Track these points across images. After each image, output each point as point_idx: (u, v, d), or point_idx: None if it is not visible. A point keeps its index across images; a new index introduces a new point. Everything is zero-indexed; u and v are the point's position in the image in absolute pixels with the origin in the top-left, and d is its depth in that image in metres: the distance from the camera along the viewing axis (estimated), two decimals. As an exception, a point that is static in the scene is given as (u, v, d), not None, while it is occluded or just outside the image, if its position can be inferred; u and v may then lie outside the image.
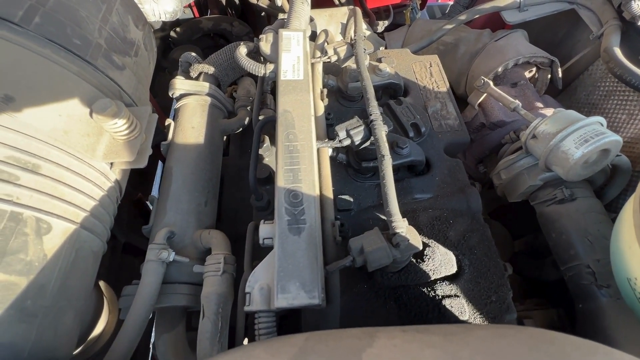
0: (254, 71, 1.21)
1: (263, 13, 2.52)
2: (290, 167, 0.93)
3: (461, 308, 0.96)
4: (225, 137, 1.49)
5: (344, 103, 1.37)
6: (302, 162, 0.94)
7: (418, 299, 0.98)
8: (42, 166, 0.84)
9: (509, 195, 1.37)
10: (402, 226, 0.84)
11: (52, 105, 0.89)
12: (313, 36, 1.38)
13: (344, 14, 1.64)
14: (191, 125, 1.30)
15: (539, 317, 1.40)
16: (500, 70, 1.67)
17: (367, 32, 1.65)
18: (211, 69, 1.43)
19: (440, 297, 0.97)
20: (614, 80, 1.59)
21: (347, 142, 1.05)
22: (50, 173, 0.85)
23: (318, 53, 1.27)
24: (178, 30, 2.34)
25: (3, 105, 0.79)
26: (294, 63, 1.16)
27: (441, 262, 1.00)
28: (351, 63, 1.29)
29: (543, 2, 1.77)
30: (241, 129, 1.44)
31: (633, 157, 1.36)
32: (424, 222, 1.09)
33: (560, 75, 1.73)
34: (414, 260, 1.00)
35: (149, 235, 1.13)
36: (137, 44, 1.23)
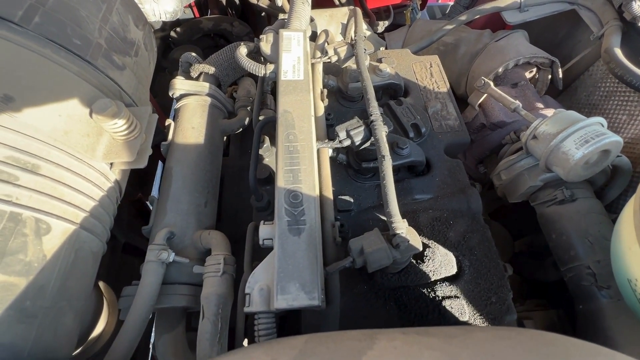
0: (255, 71, 1.21)
1: (263, 13, 2.52)
2: (290, 168, 0.93)
3: (461, 309, 0.96)
4: (225, 138, 1.49)
5: (344, 103, 1.37)
6: (302, 163, 0.94)
7: (418, 300, 0.98)
8: (42, 166, 0.83)
9: (509, 195, 1.37)
10: (402, 227, 0.84)
11: (52, 105, 0.89)
12: (313, 36, 1.38)
13: (344, 14, 1.64)
14: (191, 125, 1.30)
15: (539, 318, 1.40)
16: (500, 70, 1.67)
17: (368, 33, 1.65)
18: (211, 69, 1.42)
19: (440, 298, 0.97)
20: (615, 80, 1.59)
21: (347, 143, 1.05)
22: (49, 173, 0.85)
23: (318, 53, 1.27)
24: (178, 30, 2.34)
25: (3, 105, 0.79)
26: (295, 63, 1.16)
27: (441, 263, 1.00)
28: (351, 63, 1.29)
29: (543, 3, 1.77)
30: (241, 129, 1.44)
31: (634, 158, 1.36)
32: (424, 223, 1.09)
33: (560, 75, 1.73)
34: (414, 261, 1.00)
35: (149, 235, 1.12)
36: (138, 44, 1.22)
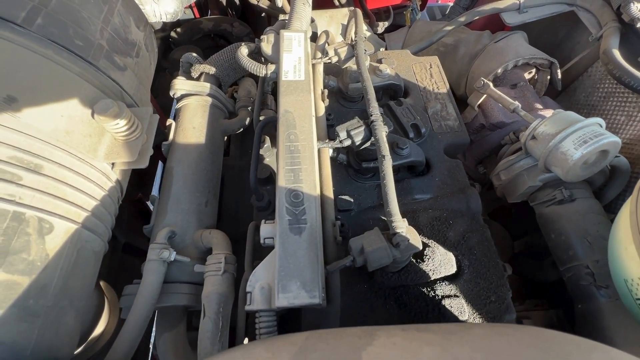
0: (255, 72, 1.22)
1: (263, 14, 2.52)
2: (291, 167, 0.94)
3: (461, 308, 0.96)
4: (226, 138, 1.50)
5: (345, 104, 1.38)
6: (303, 162, 0.95)
7: (418, 299, 0.98)
8: (44, 166, 0.84)
9: (509, 196, 1.38)
10: (402, 226, 0.84)
11: (54, 105, 0.89)
12: (314, 37, 1.38)
13: (345, 15, 1.65)
14: (192, 125, 1.30)
15: (538, 318, 1.41)
16: (499, 71, 1.68)
17: (368, 33, 1.65)
18: (212, 70, 1.43)
19: (440, 297, 0.98)
20: (613, 81, 1.60)
21: (348, 143, 1.05)
22: (52, 173, 0.85)
23: (319, 54, 1.27)
24: (179, 30, 2.35)
25: (5, 105, 0.80)
26: (295, 64, 1.16)
27: (441, 262, 1.00)
28: (352, 64, 1.30)
29: (542, 4, 1.78)
30: (242, 130, 1.44)
31: (632, 158, 1.37)
32: (424, 223, 1.09)
33: (559, 76, 1.73)
34: (414, 260, 1.00)
35: (150, 235, 1.13)
36: (139, 45, 1.23)
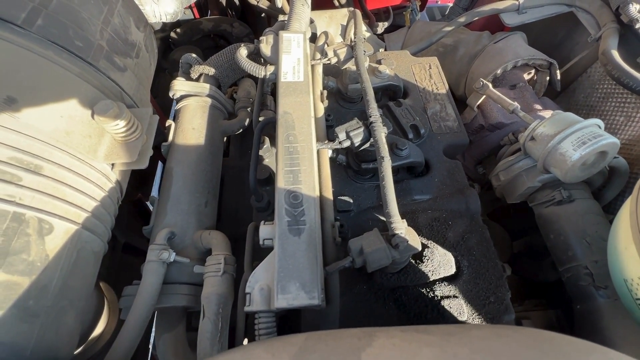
0: (255, 73, 1.22)
1: (263, 14, 2.53)
2: (290, 169, 0.94)
3: (460, 309, 0.97)
4: (225, 138, 1.50)
5: (344, 105, 1.38)
6: (302, 164, 0.95)
7: (417, 300, 0.98)
8: (44, 167, 0.84)
9: (508, 196, 1.38)
10: (401, 227, 0.84)
11: (54, 106, 0.89)
12: (313, 38, 1.38)
13: (344, 16, 1.65)
14: (192, 126, 1.30)
15: (538, 318, 1.41)
16: (499, 72, 1.68)
17: (367, 34, 1.66)
18: (212, 70, 1.43)
19: (439, 298, 0.98)
20: (612, 82, 1.60)
21: (347, 144, 1.06)
22: (52, 174, 0.85)
23: (318, 55, 1.28)
24: (178, 31, 2.35)
25: (5, 106, 0.80)
26: (294, 65, 1.17)
27: (440, 263, 1.00)
28: (351, 65, 1.30)
29: (542, 5, 1.78)
30: (241, 130, 1.45)
31: (631, 159, 1.37)
32: (423, 223, 1.10)
33: (558, 77, 1.74)
34: (413, 261, 1.01)
35: (149, 235, 1.13)
36: (138, 46, 1.23)
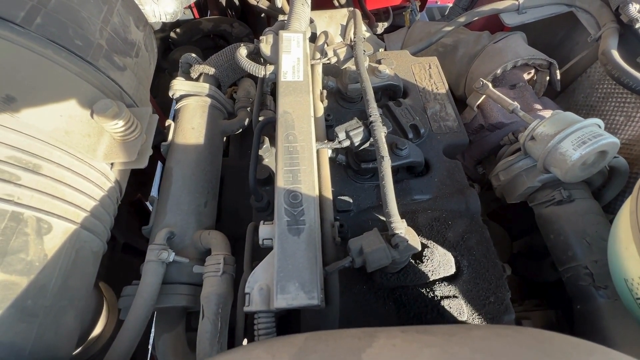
0: (254, 72, 1.22)
1: (263, 14, 2.52)
2: (290, 168, 0.94)
3: (460, 309, 0.96)
4: (225, 138, 1.50)
5: (344, 104, 1.38)
6: (302, 163, 0.95)
7: (417, 300, 0.98)
8: (43, 166, 0.84)
9: (508, 196, 1.38)
10: (401, 227, 0.84)
11: (53, 105, 0.89)
12: (313, 38, 1.38)
13: (344, 16, 1.65)
14: (191, 126, 1.30)
15: (537, 318, 1.41)
16: (499, 72, 1.68)
17: (367, 34, 1.65)
18: (211, 70, 1.43)
19: (439, 298, 0.98)
20: (612, 82, 1.60)
21: (347, 143, 1.05)
22: (51, 173, 0.85)
23: (318, 54, 1.27)
24: (178, 31, 2.34)
25: (4, 105, 0.80)
26: (294, 64, 1.16)
27: (440, 263, 1.00)
28: (351, 64, 1.30)
29: (542, 5, 1.78)
30: (241, 130, 1.44)
31: (630, 159, 1.37)
32: (423, 223, 1.09)
33: (558, 77, 1.74)
34: (413, 261, 1.00)
35: (149, 235, 1.13)
36: (138, 45, 1.23)
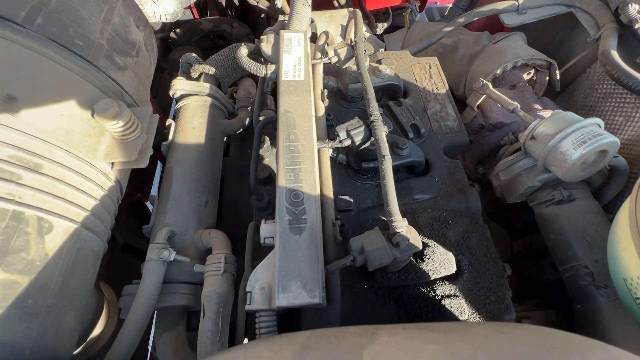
0: (255, 72, 1.22)
1: (263, 15, 2.53)
2: (291, 167, 0.94)
3: (460, 308, 0.96)
4: (225, 138, 1.50)
5: (344, 104, 1.38)
6: (303, 162, 0.95)
7: (418, 299, 0.98)
8: (44, 166, 0.84)
9: (508, 196, 1.38)
10: (402, 226, 0.84)
11: (54, 105, 0.89)
12: (313, 38, 1.38)
13: (344, 16, 1.65)
14: (192, 125, 1.30)
15: (538, 318, 1.41)
16: (498, 72, 1.68)
17: (367, 34, 1.66)
18: (212, 70, 1.43)
19: (439, 297, 0.98)
20: (612, 82, 1.60)
21: (348, 143, 1.05)
22: (51, 172, 0.85)
23: (319, 54, 1.28)
24: (178, 31, 2.35)
25: (5, 105, 0.80)
26: (295, 64, 1.17)
27: (441, 262, 1.00)
28: (351, 64, 1.30)
29: (541, 5, 1.78)
30: (242, 130, 1.44)
31: (630, 159, 1.37)
32: (424, 223, 1.09)
33: (558, 77, 1.74)
34: (414, 260, 1.00)
35: (149, 235, 1.13)
36: (139, 45, 1.23)
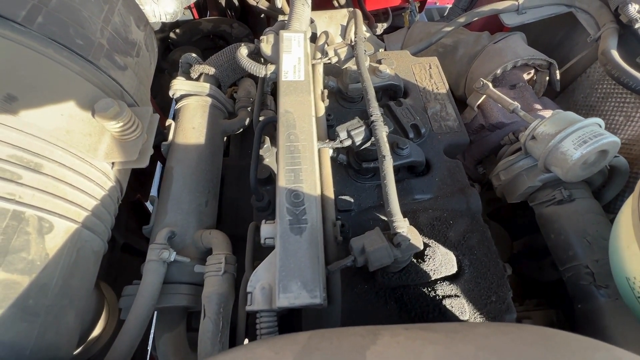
0: (255, 72, 1.22)
1: (262, 15, 2.53)
2: (291, 167, 0.94)
3: (461, 308, 0.96)
4: (225, 138, 1.50)
5: (344, 104, 1.38)
6: (304, 162, 0.95)
7: (419, 299, 0.98)
8: (44, 165, 0.84)
9: (508, 196, 1.38)
10: (403, 226, 0.84)
11: (55, 104, 0.89)
12: (313, 38, 1.38)
13: (344, 16, 1.65)
14: (192, 125, 1.30)
15: (538, 318, 1.41)
16: (499, 72, 1.69)
17: (367, 34, 1.66)
18: (212, 70, 1.43)
19: (440, 297, 0.98)
20: (612, 82, 1.61)
21: (348, 143, 1.05)
22: (52, 172, 0.85)
23: (319, 54, 1.27)
24: (178, 31, 2.34)
25: (6, 104, 0.79)
26: (295, 64, 1.16)
27: (441, 262, 1.00)
28: (351, 64, 1.30)
29: (541, 5, 1.79)
30: (242, 130, 1.44)
31: (631, 159, 1.38)
32: (424, 223, 1.09)
33: (558, 77, 1.74)
34: (415, 260, 1.00)
35: (150, 235, 1.13)
36: (139, 45, 1.23)
